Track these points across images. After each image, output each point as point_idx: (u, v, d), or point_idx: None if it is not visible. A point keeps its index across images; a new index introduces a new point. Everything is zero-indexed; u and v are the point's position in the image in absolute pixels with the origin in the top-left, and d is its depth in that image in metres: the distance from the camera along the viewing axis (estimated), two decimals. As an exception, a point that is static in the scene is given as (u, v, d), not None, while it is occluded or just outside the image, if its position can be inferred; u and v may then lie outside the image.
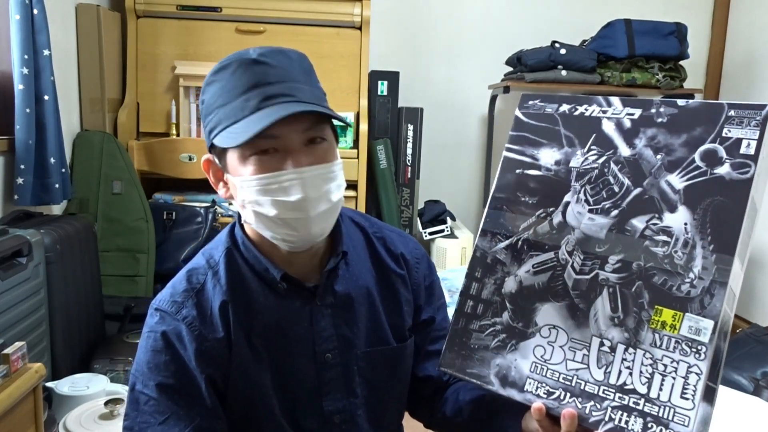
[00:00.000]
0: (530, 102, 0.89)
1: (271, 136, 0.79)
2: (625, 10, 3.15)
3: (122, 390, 1.92)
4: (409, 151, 3.05)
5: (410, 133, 3.03)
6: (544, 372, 0.76)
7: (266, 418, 0.89)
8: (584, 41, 3.15)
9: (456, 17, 3.36)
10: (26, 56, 2.05)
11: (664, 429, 0.68)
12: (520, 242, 0.83)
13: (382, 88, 2.98)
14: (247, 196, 0.83)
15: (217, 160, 0.87)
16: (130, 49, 2.78)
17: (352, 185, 2.80)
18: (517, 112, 0.90)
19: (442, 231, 3.03)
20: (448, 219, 3.07)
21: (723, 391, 1.82)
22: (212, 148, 0.86)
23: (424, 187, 3.26)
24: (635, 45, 2.93)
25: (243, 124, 0.79)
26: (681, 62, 3.05)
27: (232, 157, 0.83)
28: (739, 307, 2.92)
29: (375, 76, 2.97)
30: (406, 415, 1.05)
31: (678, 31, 2.96)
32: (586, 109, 0.84)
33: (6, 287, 1.70)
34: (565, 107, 0.86)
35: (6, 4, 2.06)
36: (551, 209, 0.82)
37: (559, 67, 2.94)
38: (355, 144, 2.83)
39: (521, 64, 2.98)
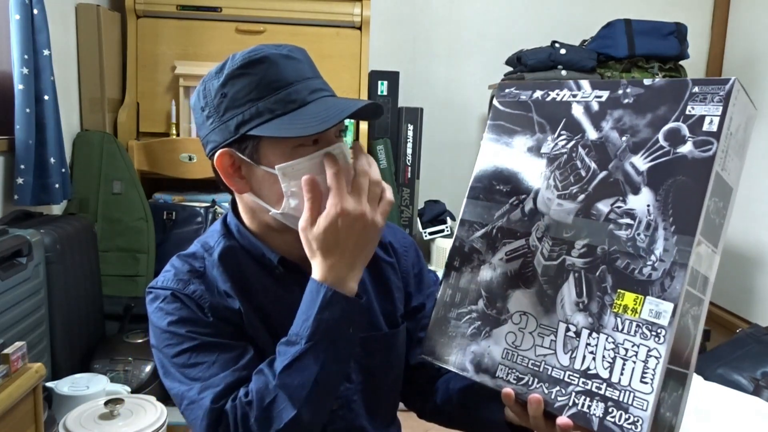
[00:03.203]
0: (506, 90, 0.89)
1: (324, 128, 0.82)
2: (625, 10, 3.15)
3: (122, 390, 1.92)
4: (409, 151, 3.05)
5: (410, 133, 3.03)
6: (514, 358, 0.77)
7: None
8: (584, 41, 3.15)
9: (456, 17, 3.36)
10: (26, 56, 2.05)
11: (623, 413, 0.67)
12: (494, 230, 0.84)
13: (382, 88, 2.98)
14: (297, 180, 0.82)
15: (240, 154, 0.85)
16: (130, 49, 2.77)
17: (352, 185, 2.80)
18: (495, 101, 0.90)
19: (442, 231, 3.03)
20: (448, 219, 3.07)
21: (723, 391, 1.82)
22: (238, 141, 0.84)
23: (424, 187, 3.26)
24: (635, 45, 2.93)
25: (304, 115, 0.81)
26: (681, 62, 3.05)
27: (272, 149, 0.83)
28: (739, 307, 2.91)
29: (375, 76, 2.97)
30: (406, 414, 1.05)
31: (678, 31, 2.96)
32: (558, 94, 0.84)
33: (6, 287, 1.70)
34: (538, 93, 0.86)
35: (6, 4, 2.06)
36: (523, 196, 0.82)
37: (559, 67, 2.94)
38: (355, 144, 2.83)
39: (521, 64, 2.98)
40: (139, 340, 2.20)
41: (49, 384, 1.82)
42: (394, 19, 3.31)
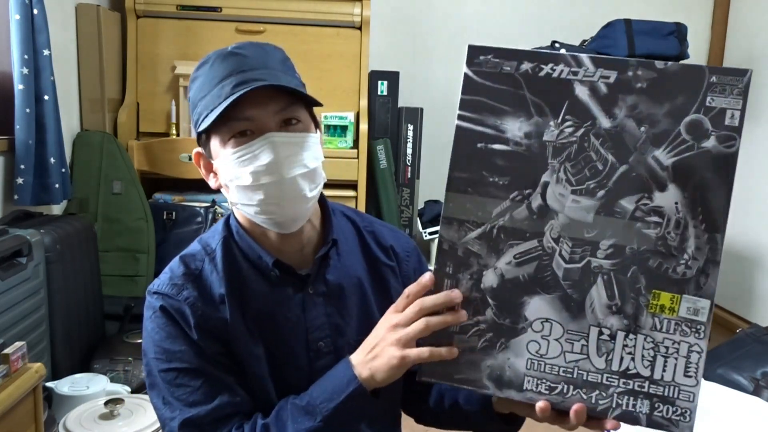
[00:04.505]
0: (481, 57, 0.75)
1: (245, 118, 0.83)
2: (625, 10, 3.15)
3: (122, 390, 1.92)
4: (409, 151, 3.05)
5: (410, 133, 3.03)
6: (542, 367, 0.74)
7: (263, 403, 0.89)
8: (584, 41, 3.15)
9: (456, 17, 3.36)
10: (26, 56, 2.05)
11: (670, 407, 0.70)
12: (495, 230, 0.74)
13: (382, 88, 2.98)
14: (228, 173, 0.85)
15: (203, 151, 0.91)
16: (130, 49, 2.78)
17: (352, 185, 2.80)
18: (466, 69, 0.75)
19: (442, 231, 3.03)
20: (448, 219, 3.07)
21: (723, 391, 1.82)
22: (199, 139, 0.90)
23: (424, 187, 3.26)
24: (635, 45, 2.93)
25: (218, 109, 0.83)
26: (681, 62, 3.06)
27: (214, 144, 0.87)
28: (739, 307, 2.91)
29: (375, 76, 2.97)
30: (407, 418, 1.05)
31: (678, 31, 2.96)
32: (553, 69, 0.73)
33: (6, 287, 1.70)
34: (526, 66, 0.73)
35: (6, 4, 2.06)
36: (528, 191, 0.73)
37: (559, 67, 2.94)
38: (355, 144, 2.83)
39: (521, 64, 2.98)
40: (139, 340, 2.19)
41: (49, 384, 1.82)
42: (394, 19, 3.31)
